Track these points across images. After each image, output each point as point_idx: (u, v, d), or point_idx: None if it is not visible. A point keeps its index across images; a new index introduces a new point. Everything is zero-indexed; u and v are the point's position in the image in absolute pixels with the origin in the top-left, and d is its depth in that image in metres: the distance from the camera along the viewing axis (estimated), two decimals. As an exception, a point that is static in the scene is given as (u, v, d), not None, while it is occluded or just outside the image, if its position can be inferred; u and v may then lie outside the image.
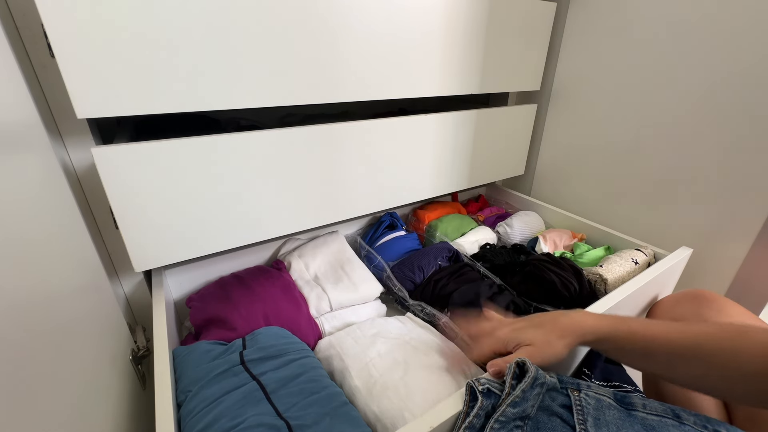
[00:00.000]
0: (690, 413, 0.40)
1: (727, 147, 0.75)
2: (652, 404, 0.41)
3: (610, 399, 0.41)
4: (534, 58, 0.95)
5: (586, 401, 0.41)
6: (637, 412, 0.40)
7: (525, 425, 0.39)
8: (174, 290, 0.73)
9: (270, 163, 0.63)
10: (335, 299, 0.71)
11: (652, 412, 0.40)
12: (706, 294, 0.60)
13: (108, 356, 0.50)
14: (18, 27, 0.48)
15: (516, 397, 0.40)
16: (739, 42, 0.70)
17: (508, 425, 0.39)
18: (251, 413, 0.44)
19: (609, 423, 0.39)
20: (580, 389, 0.43)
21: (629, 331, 0.44)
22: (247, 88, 0.57)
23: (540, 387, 0.42)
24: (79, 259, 0.49)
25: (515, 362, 0.43)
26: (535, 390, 0.41)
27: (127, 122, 0.76)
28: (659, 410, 0.40)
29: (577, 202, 1.05)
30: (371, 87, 0.69)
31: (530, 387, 0.41)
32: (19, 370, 0.30)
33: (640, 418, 0.39)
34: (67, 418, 0.36)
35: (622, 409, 0.40)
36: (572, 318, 0.47)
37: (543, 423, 0.39)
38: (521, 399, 0.40)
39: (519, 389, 0.40)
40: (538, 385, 0.42)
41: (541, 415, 0.40)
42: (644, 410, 0.40)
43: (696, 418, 0.39)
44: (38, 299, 0.35)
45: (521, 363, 0.43)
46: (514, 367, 0.43)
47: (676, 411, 0.40)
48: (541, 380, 0.42)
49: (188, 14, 0.50)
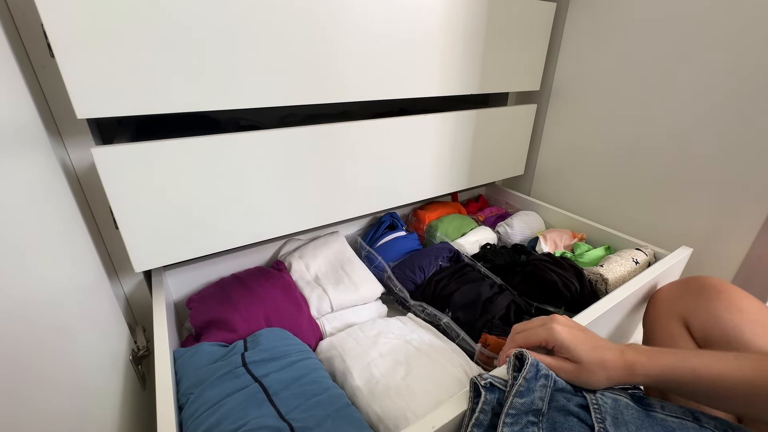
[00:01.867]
0: (709, 416, 0.39)
1: (726, 146, 0.76)
2: (670, 406, 0.40)
3: (627, 399, 0.41)
4: (533, 58, 0.95)
5: (602, 401, 0.40)
6: (655, 412, 0.39)
7: (540, 422, 0.39)
8: (174, 291, 0.73)
9: (270, 164, 0.63)
10: (336, 300, 0.71)
11: (671, 414, 0.39)
12: (713, 282, 0.56)
13: (108, 356, 0.50)
14: (18, 27, 0.47)
15: (520, 386, 0.39)
16: (739, 41, 0.70)
17: (520, 419, 0.38)
18: (253, 415, 0.44)
19: (628, 422, 0.38)
20: (594, 390, 0.42)
21: (692, 371, 0.39)
22: (246, 88, 0.57)
23: (545, 379, 0.41)
24: (78, 259, 0.49)
25: (514, 354, 0.42)
26: (540, 381, 0.40)
27: (128, 122, 0.75)
28: (678, 412, 0.39)
29: (577, 202, 1.05)
30: (371, 87, 0.69)
31: (534, 377, 0.40)
32: (18, 370, 0.29)
33: (660, 419, 0.38)
34: (67, 418, 0.35)
35: (641, 409, 0.39)
36: (625, 358, 0.42)
37: (560, 423, 0.39)
38: (526, 389, 0.39)
39: (521, 377, 0.40)
40: (542, 376, 0.41)
41: (557, 414, 0.39)
42: (663, 411, 0.39)
43: (716, 422, 0.38)
44: (38, 299, 0.35)
45: (519, 354, 0.42)
46: (513, 360, 0.42)
47: (695, 413, 0.39)
48: (543, 371, 0.41)
49: (188, 14, 0.50)
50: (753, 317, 0.51)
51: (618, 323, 0.69)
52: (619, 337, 0.77)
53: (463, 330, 0.66)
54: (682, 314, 0.57)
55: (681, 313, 0.57)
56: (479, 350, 0.62)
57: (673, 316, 0.58)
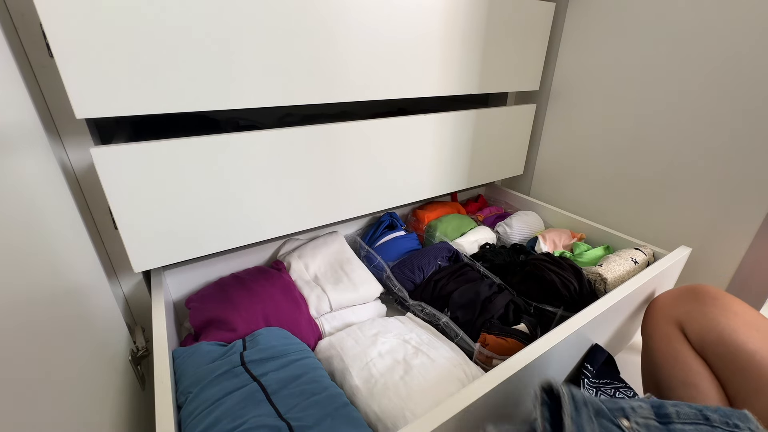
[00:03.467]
0: (712, 410, 0.38)
1: (725, 146, 0.76)
2: (682, 409, 0.39)
3: (653, 419, 0.38)
4: (533, 58, 0.95)
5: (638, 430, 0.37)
6: (674, 424, 0.38)
7: None
8: (173, 291, 0.73)
9: (269, 163, 0.63)
10: (335, 299, 0.71)
11: (686, 421, 0.38)
12: (708, 290, 0.57)
13: (107, 356, 0.50)
14: (16, 27, 0.47)
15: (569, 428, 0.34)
16: (738, 41, 0.70)
17: None
18: (252, 414, 0.44)
19: None
20: (627, 416, 0.38)
21: None
22: (246, 88, 0.57)
23: (585, 407, 0.36)
24: (77, 259, 0.49)
25: (540, 387, 0.36)
26: (583, 413, 0.35)
27: (126, 122, 0.75)
28: (691, 416, 0.38)
29: (577, 202, 1.05)
30: (370, 87, 0.69)
31: (575, 412, 0.35)
32: (17, 370, 0.30)
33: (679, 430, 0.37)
34: (66, 418, 0.35)
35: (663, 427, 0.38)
36: None
37: None
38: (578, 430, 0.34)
39: (567, 418, 0.34)
40: (582, 405, 0.36)
41: None
42: (679, 420, 0.38)
43: (718, 415, 0.38)
44: (37, 299, 0.35)
45: (547, 387, 0.36)
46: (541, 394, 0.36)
47: (704, 412, 0.38)
48: (580, 398, 0.36)
49: (187, 14, 0.50)
50: (747, 320, 0.52)
51: (617, 328, 0.70)
52: (618, 341, 0.77)
53: (462, 329, 0.67)
54: (679, 318, 0.58)
55: (677, 317, 0.58)
56: (478, 350, 0.62)
57: (670, 320, 0.59)
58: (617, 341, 0.76)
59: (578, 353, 0.62)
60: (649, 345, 0.62)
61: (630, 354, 0.81)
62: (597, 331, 0.62)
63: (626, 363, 0.74)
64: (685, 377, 0.54)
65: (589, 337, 0.61)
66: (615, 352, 0.78)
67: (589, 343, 0.63)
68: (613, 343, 0.73)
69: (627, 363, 0.74)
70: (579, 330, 0.55)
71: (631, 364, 0.75)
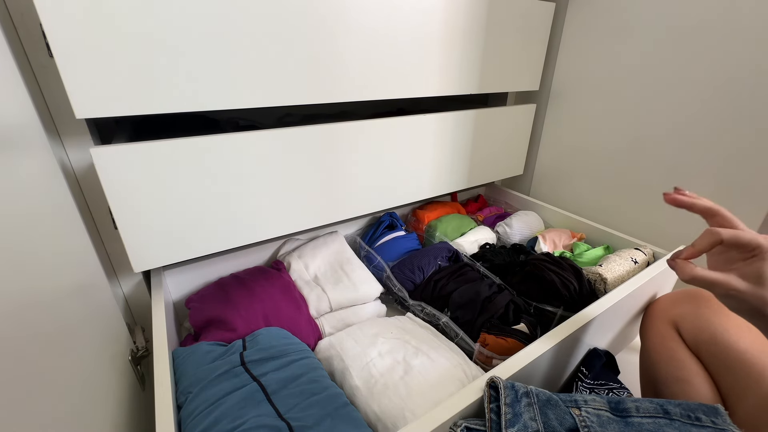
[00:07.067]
0: (675, 404, 0.40)
1: (725, 146, 0.76)
2: (642, 404, 0.41)
3: (607, 411, 0.41)
4: (533, 58, 0.95)
5: (589, 420, 0.40)
6: (632, 418, 0.40)
7: None
8: (173, 291, 0.73)
9: (269, 163, 0.63)
10: (335, 299, 0.71)
11: (645, 414, 0.40)
12: (703, 292, 0.59)
13: (107, 357, 0.50)
14: (16, 27, 0.47)
15: (507, 415, 0.39)
16: (738, 41, 0.70)
17: None
18: (252, 414, 0.44)
19: None
20: (578, 406, 0.42)
21: None
22: (245, 88, 0.57)
23: (526, 396, 0.40)
24: (77, 259, 0.49)
25: (486, 383, 0.42)
26: (522, 401, 0.40)
27: (126, 122, 0.75)
28: (650, 410, 0.40)
29: (577, 202, 1.05)
30: (370, 87, 0.69)
31: (515, 399, 0.40)
32: (17, 370, 0.29)
33: (637, 424, 0.39)
34: (66, 418, 0.35)
35: (620, 419, 0.40)
36: None
37: None
38: (513, 415, 0.39)
39: (504, 406, 0.39)
40: (523, 395, 0.40)
41: None
42: (638, 414, 0.40)
43: (680, 409, 0.40)
44: (37, 300, 0.35)
45: (491, 383, 0.42)
46: (487, 390, 0.42)
47: (664, 406, 0.40)
48: (522, 389, 0.41)
49: (187, 14, 0.50)
50: (738, 321, 0.54)
51: (618, 328, 0.70)
52: (619, 344, 0.77)
53: (461, 329, 0.67)
54: (674, 319, 0.60)
55: (673, 318, 0.60)
56: (478, 349, 0.62)
57: (666, 321, 0.61)
58: (617, 345, 0.76)
59: (578, 354, 0.62)
60: (646, 344, 0.64)
61: (630, 354, 0.81)
62: (597, 333, 0.62)
63: (627, 363, 0.74)
64: (679, 374, 0.56)
65: (589, 337, 0.61)
66: (616, 351, 0.78)
67: (588, 346, 0.63)
68: (613, 344, 0.73)
69: (628, 363, 0.74)
70: (579, 330, 0.55)
71: (632, 364, 0.75)
